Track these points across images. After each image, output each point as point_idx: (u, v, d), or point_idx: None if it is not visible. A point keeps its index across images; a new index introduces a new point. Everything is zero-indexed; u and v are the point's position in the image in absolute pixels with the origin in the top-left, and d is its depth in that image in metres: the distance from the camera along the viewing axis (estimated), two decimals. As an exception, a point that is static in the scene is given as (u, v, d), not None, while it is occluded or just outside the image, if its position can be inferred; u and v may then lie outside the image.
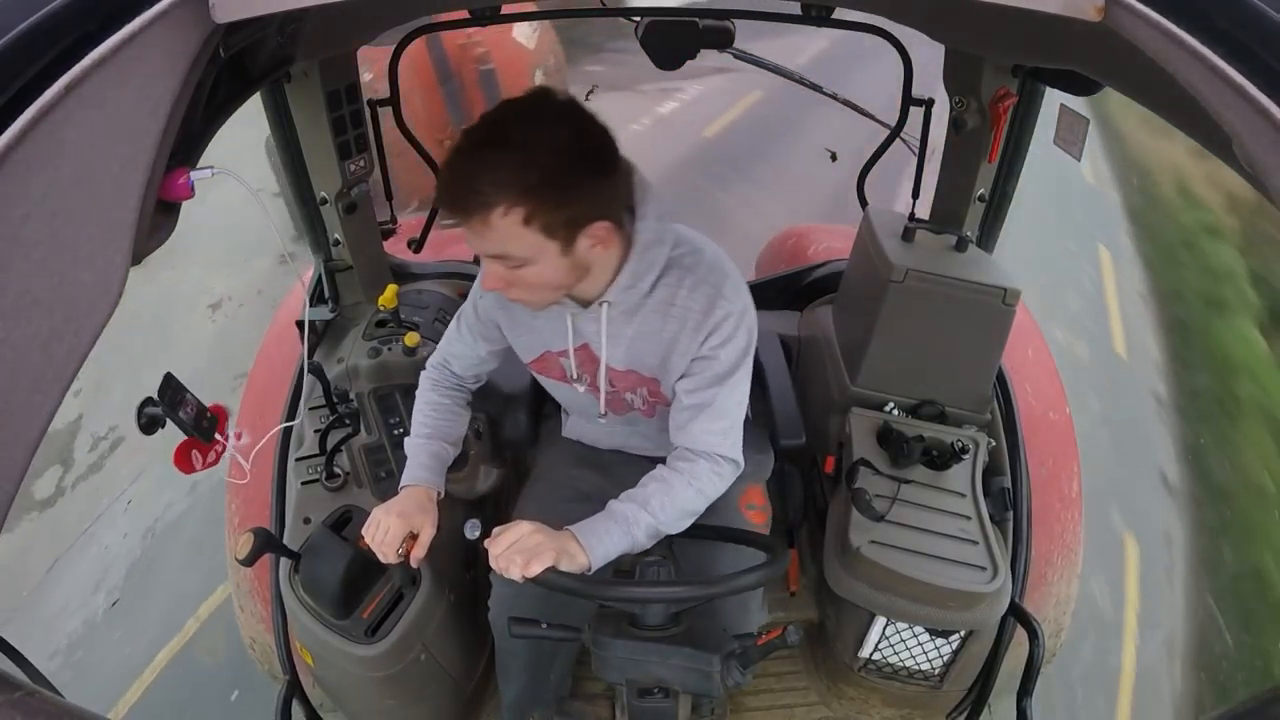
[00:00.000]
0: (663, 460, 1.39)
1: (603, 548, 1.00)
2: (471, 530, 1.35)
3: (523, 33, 4.73)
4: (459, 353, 1.26)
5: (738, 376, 1.08)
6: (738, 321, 1.05)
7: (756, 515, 1.32)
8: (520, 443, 1.56)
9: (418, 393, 1.28)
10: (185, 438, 1.03)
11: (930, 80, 1.62)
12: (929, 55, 1.59)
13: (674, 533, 1.08)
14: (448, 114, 4.75)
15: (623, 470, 1.39)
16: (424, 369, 1.29)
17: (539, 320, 1.14)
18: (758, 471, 1.40)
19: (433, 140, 5.02)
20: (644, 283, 1.04)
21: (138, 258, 0.56)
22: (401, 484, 1.17)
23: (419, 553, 1.12)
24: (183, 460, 1.05)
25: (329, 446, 1.40)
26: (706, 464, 1.08)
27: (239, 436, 1.09)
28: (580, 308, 1.08)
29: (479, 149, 0.89)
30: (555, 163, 0.88)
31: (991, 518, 1.36)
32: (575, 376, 1.18)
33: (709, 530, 1.18)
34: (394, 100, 1.62)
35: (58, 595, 2.54)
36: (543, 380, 1.27)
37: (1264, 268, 4.47)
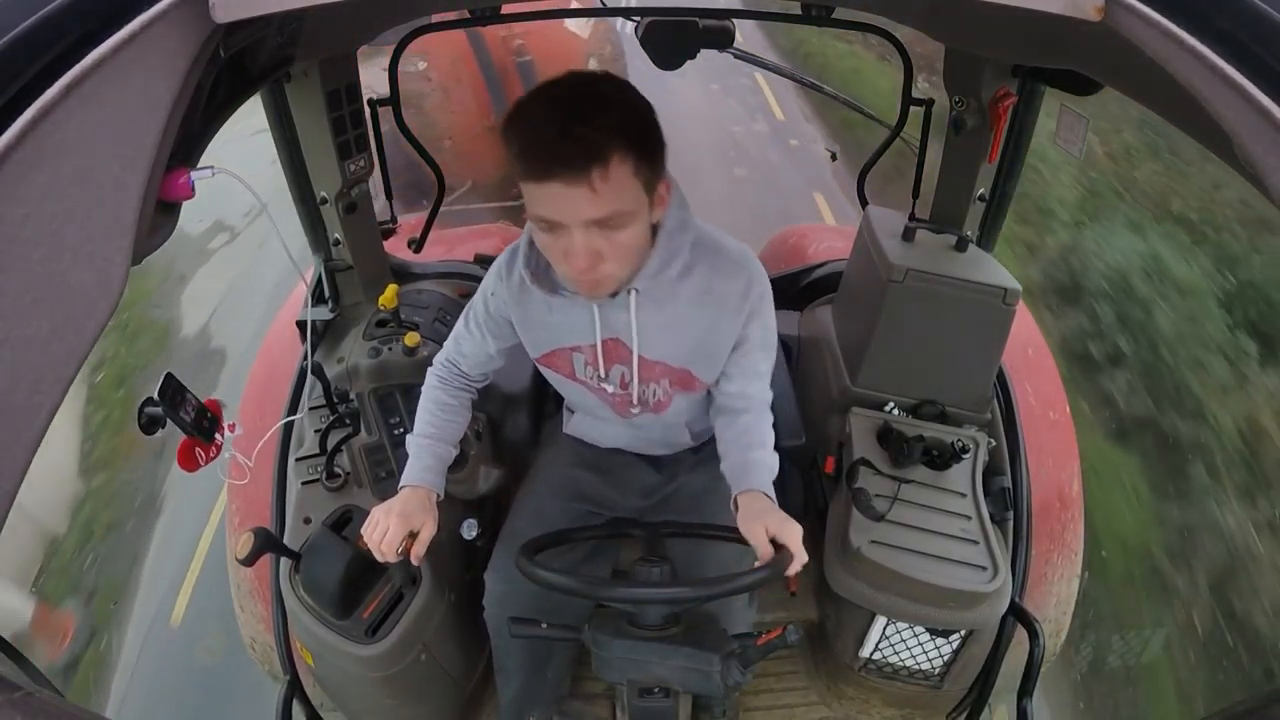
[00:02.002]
0: (663, 458, 1.40)
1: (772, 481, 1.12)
2: (469, 530, 1.35)
3: (576, 23, 4.76)
4: (467, 351, 1.25)
5: (771, 339, 1.18)
6: (767, 293, 1.12)
7: None
8: (521, 443, 1.56)
9: (424, 389, 1.26)
10: (184, 439, 1.03)
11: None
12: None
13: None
14: (491, 102, 4.84)
15: (622, 471, 1.39)
16: (430, 366, 1.29)
17: (556, 315, 1.13)
18: None
19: (480, 126, 5.11)
20: (671, 269, 1.05)
21: (138, 258, 0.56)
22: (402, 483, 1.17)
23: (419, 551, 1.12)
24: (186, 459, 1.05)
25: (329, 446, 1.40)
26: (760, 406, 1.20)
27: (232, 428, 1.09)
28: (607, 298, 1.08)
29: (577, 105, 0.86)
30: (645, 115, 0.90)
31: (992, 517, 1.36)
32: (602, 375, 1.18)
33: (709, 530, 1.18)
34: (394, 100, 1.62)
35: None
36: (549, 375, 1.26)
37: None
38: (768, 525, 1.03)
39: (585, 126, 0.84)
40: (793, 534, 1.02)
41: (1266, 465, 3.30)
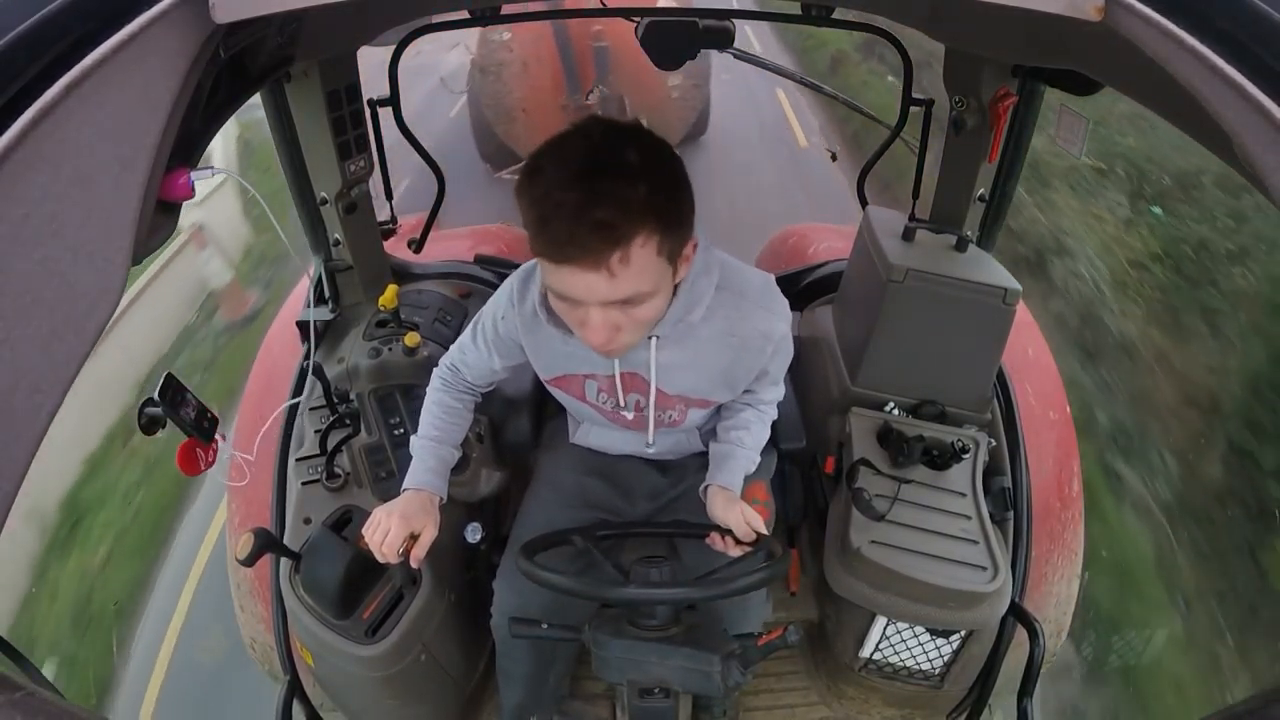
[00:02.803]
0: (669, 464, 1.40)
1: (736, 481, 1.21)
2: (472, 534, 1.35)
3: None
4: (472, 363, 1.24)
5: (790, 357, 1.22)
6: (787, 328, 1.13)
7: (760, 511, 1.32)
8: (522, 446, 1.56)
9: (428, 391, 1.27)
10: (185, 440, 1.03)
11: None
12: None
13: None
14: (565, 83, 4.96)
15: (629, 477, 1.39)
16: (434, 368, 1.29)
17: (571, 346, 1.08)
18: (762, 469, 1.40)
19: (554, 104, 5.21)
20: (694, 315, 1.02)
21: (138, 258, 0.56)
22: (405, 485, 1.16)
23: (419, 553, 1.12)
24: (186, 461, 1.05)
25: (329, 447, 1.39)
26: (767, 414, 1.27)
27: (223, 438, 1.09)
28: None
29: (597, 178, 0.77)
30: (675, 182, 0.83)
31: (992, 517, 1.36)
32: (620, 404, 1.18)
33: (709, 529, 1.18)
34: (394, 100, 1.62)
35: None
36: (557, 394, 1.25)
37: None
38: (743, 510, 1.11)
39: (605, 208, 0.76)
40: (757, 520, 1.10)
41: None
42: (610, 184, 0.76)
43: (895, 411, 1.53)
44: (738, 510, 1.11)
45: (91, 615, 3.02)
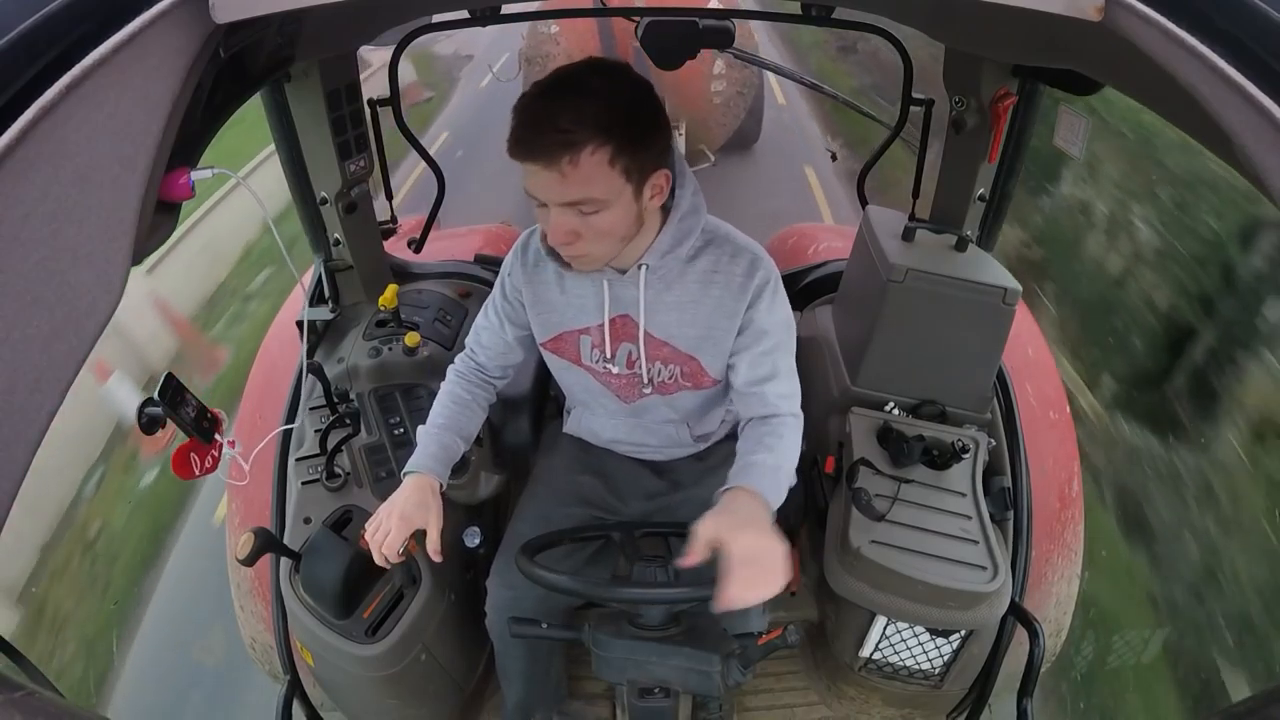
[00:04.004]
0: (665, 464, 1.40)
1: (774, 498, 1.01)
2: (471, 538, 1.35)
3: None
4: (486, 341, 1.27)
5: (790, 341, 1.16)
6: (776, 285, 1.12)
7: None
8: (521, 448, 1.56)
9: (443, 385, 1.28)
10: (181, 443, 1.03)
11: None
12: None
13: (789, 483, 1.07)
14: None
15: (624, 477, 1.39)
16: (430, 366, 1.29)
17: (567, 295, 1.16)
18: None
19: None
20: (683, 249, 1.08)
21: (138, 258, 0.56)
22: (405, 469, 1.16)
23: (432, 548, 1.11)
24: (181, 466, 1.04)
25: (329, 446, 1.39)
26: (789, 420, 1.13)
27: (232, 444, 1.09)
28: (618, 274, 1.11)
29: (560, 94, 0.91)
30: (632, 106, 0.93)
31: (992, 517, 1.36)
32: (609, 355, 1.19)
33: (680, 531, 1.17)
34: (394, 100, 1.62)
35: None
36: (554, 363, 1.26)
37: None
38: (719, 524, 0.92)
39: (559, 116, 0.88)
40: (740, 546, 0.87)
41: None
42: (569, 97, 0.90)
43: (895, 411, 1.53)
44: (713, 524, 0.92)
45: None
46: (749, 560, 0.88)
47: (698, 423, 1.34)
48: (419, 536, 1.12)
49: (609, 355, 1.19)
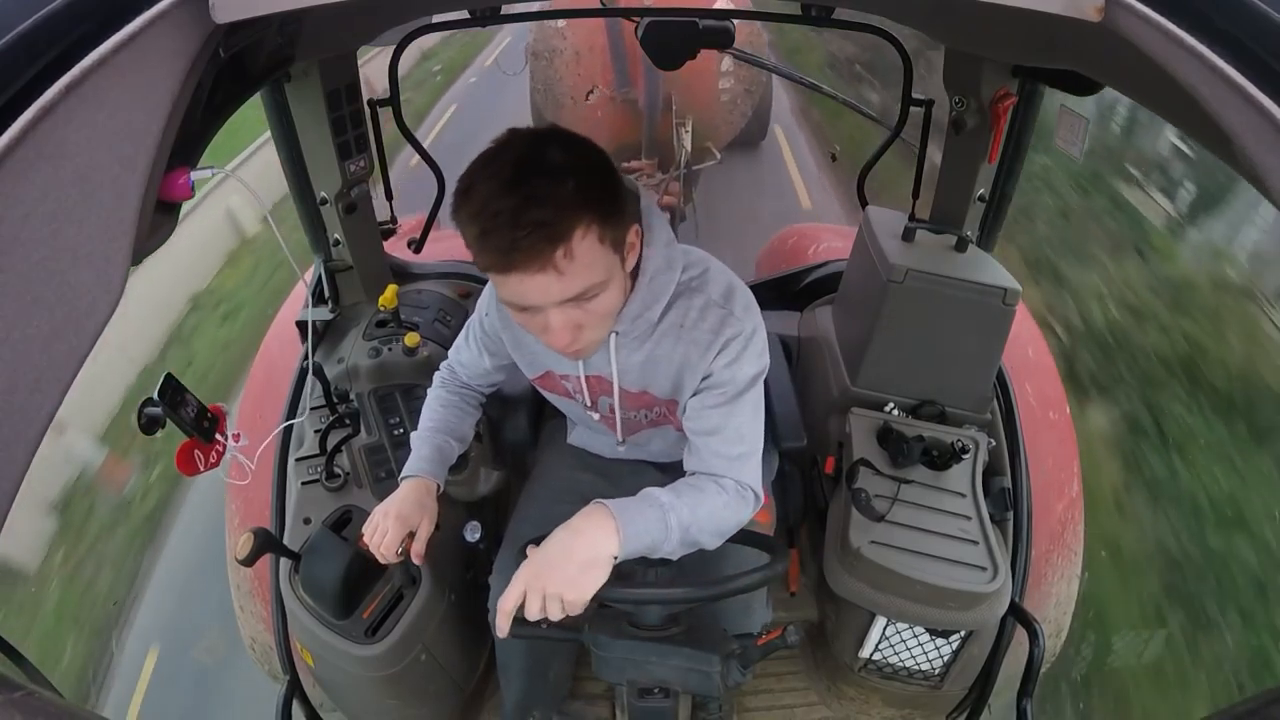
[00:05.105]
0: (666, 465, 1.39)
1: (634, 529, 0.92)
2: (471, 533, 1.35)
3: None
4: (466, 362, 1.26)
5: (748, 398, 1.03)
6: (746, 341, 1.01)
7: (761, 514, 1.32)
8: (521, 445, 1.56)
9: (429, 391, 1.28)
10: (185, 440, 1.03)
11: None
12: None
13: (705, 545, 1.00)
14: (613, 76, 5.00)
15: (627, 477, 1.38)
16: (430, 366, 1.29)
17: (542, 345, 1.08)
18: (763, 470, 1.40)
19: (601, 95, 5.13)
20: (653, 311, 1.00)
21: (138, 258, 0.56)
22: (401, 475, 1.16)
23: (419, 549, 1.12)
24: (185, 462, 1.04)
25: (329, 447, 1.40)
26: (726, 486, 1.02)
27: (236, 439, 1.09)
28: None
29: (524, 182, 0.79)
30: (600, 172, 0.85)
31: (991, 518, 1.36)
32: (589, 405, 1.17)
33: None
34: (394, 100, 1.62)
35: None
36: (546, 393, 1.25)
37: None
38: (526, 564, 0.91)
39: (539, 209, 0.77)
40: (520, 591, 0.88)
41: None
42: (540, 184, 0.78)
43: (895, 412, 1.53)
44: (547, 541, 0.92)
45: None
46: (530, 561, 0.91)
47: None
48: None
49: (589, 404, 1.17)
